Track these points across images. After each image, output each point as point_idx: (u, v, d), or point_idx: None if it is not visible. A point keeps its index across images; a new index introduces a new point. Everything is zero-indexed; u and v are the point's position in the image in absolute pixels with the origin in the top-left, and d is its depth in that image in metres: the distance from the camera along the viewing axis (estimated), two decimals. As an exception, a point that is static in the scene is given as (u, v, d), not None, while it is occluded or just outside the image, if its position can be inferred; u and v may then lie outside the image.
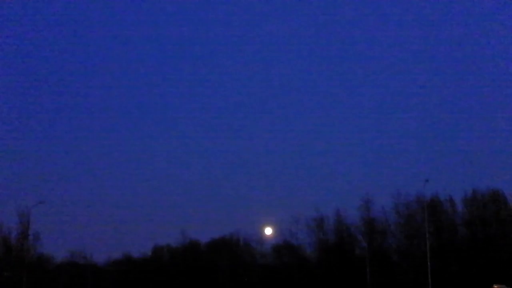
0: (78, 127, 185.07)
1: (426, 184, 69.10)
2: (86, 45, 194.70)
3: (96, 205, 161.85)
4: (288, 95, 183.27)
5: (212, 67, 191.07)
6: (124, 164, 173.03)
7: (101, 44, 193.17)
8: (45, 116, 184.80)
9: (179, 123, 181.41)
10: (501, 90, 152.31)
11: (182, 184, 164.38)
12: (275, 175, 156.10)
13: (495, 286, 61.96)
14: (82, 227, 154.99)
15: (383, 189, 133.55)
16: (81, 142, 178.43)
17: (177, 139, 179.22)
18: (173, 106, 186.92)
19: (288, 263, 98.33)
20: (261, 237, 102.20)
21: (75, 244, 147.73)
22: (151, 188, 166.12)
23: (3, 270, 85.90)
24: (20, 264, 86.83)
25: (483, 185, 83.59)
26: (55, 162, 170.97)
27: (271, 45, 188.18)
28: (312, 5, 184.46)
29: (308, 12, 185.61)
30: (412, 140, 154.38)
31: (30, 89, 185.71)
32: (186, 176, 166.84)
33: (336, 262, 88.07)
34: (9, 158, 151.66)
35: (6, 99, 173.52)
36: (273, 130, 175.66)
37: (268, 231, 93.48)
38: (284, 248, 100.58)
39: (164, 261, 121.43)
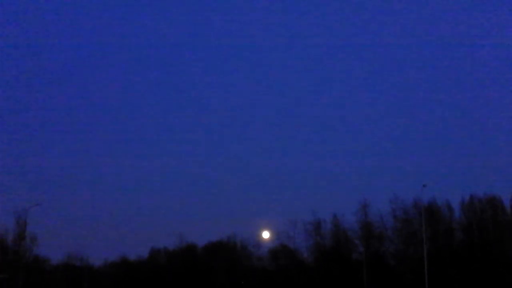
0: (76, 129, 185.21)
1: (424, 188, 69.24)
2: (85, 46, 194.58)
3: (93, 207, 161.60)
4: (284, 98, 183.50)
5: (209, 69, 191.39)
6: (121, 166, 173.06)
7: (100, 45, 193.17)
8: (42, 117, 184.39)
9: (176, 126, 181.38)
10: (499, 95, 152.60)
11: (179, 187, 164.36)
12: (272, 178, 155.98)
13: None
14: (79, 229, 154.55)
15: (380, 193, 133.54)
16: (78, 144, 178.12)
17: (174, 141, 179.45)
18: (170, 108, 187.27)
19: (285, 267, 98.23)
20: (258, 241, 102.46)
21: (71, 246, 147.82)
22: (148, 190, 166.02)
23: (0, 271, 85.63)
24: (16, 265, 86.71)
25: (481, 191, 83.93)
26: (52, 164, 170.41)
27: (268, 47, 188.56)
28: (312, 5, 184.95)
29: (307, 12, 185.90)
30: (409, 144, 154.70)
31: (26, 91, 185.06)
32: (183, 179, 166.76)
33: (333, 266, 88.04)
34: (5, 160, 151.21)
35: (2, 100, 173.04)
36: (270, 133, 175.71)
37: (265, 234, 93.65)
38: (281, 251, 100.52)
39: (161, 264, 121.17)
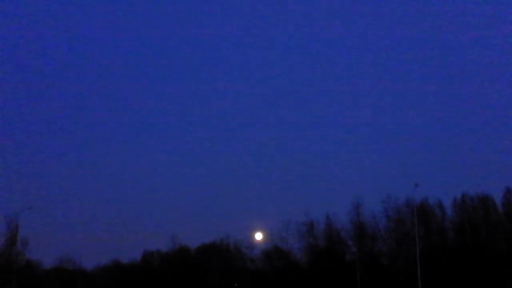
0: (67, 133, 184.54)
1: (416, 188, 69.25)
2: (84, 46, 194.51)
3: (85, 211, 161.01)
4: (278, 101, 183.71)
5: (203, 72, 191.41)
6: (113, 170, 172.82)
7: (99, 45, 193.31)
8: (33, 122, 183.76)
9: (169, 129, 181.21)
10: (491, 95, 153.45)
11: (172, 189, 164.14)
12: (265, 180, 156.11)
13: None
14: (71, 232, 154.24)
15: (373, 193, 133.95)
16: (70, 148, 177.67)
17: (167, 144, 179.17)
18: (164, 112, 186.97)
19: (278, 268, 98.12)
20: (251, 242, 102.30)
21: (64, 250, 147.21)
22: (141, 193, 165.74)
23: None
24: (8, 270, 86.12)
25: (473, 190, 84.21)
26: (43, 168, 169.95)
27: (266, 47, 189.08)
28: (311, 5, 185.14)
29: (306, 12, 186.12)
30: (402, 144, 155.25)
31: (18, 96, 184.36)
32: (176, 182, 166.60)
33: (326, 267, 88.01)
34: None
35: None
36: (263, 135, 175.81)
37: (258, 236, 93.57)
38: (274, 252, 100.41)
39: (154, 267, 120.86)
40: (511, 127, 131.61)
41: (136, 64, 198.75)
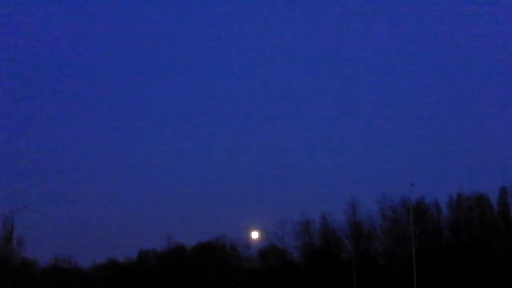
0: (62, 130, 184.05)
1: (412, 187, 69.38)
2: (84, 44, 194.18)
3: (81, 210, 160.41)
4: (274, 100, 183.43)
5: (197, 68, 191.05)
6: (109, 168, 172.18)
7: (97, 44, 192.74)
8: (28, 118, 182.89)
9: (165, 128, 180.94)
10: (486, 94, 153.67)
11: (168, 188, 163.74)
12: (261, 179, 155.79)
13: None
14: (66, 231, 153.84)
15: (368, 192, 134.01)
16: (66, 146, 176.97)
17: (163, 143, 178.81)
18: (161, 111, 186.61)
19: (274, 267, 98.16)
20: (247, 241, 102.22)
21: (59, 249, 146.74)
22: (137, 192, 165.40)
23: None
24: (3, 269, 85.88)
25: (468, 189, 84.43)
26: (39, 166, 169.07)
27: (265, 45, 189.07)
28: (310, 4, 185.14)
29: (305, 11, 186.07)
30: (397, 143, 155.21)
31: (15, 95, 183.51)
32: (172, 180, 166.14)
33: (322, 266, 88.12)
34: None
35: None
36: (259, 134, 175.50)
37: (255, 235, 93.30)
38: (270, 252, 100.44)
39: (150, 266, 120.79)
40: (507, 126, 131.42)
41: (135, 63, 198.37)
